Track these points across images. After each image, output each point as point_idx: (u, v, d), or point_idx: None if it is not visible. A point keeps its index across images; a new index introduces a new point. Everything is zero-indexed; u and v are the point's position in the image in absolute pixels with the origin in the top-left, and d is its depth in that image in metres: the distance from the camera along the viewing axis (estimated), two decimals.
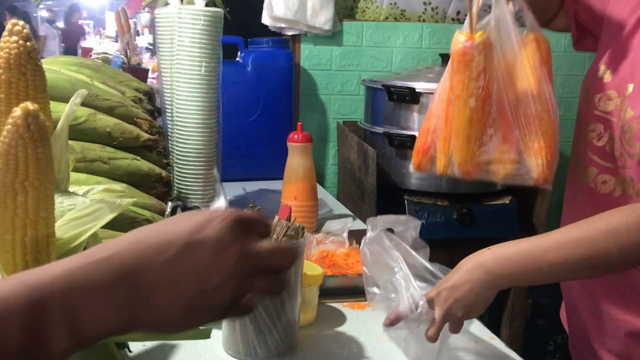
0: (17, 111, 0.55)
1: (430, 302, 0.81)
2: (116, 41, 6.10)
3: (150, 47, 5.40)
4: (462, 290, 0.80)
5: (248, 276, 0.45)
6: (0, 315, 0.38)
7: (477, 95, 0.80)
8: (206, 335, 0.69)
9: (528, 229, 1.87)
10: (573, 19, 1.04)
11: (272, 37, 2.07)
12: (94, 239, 0.71)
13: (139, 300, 0.42)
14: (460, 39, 0.80)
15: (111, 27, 6.90)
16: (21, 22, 0.69)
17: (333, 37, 2.17)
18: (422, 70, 1.89)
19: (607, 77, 0.90)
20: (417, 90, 1.70)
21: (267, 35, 2.08)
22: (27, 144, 0.55)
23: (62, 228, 0.65)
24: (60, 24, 6.16)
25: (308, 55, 2.17)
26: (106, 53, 4.91)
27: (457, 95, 0.81)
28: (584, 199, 0.95)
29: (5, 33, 0.69)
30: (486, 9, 0.84)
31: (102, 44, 6.41)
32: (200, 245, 0.44)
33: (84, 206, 0.67)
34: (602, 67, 0.92)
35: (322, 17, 2.07)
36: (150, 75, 3.91)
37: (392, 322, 0.82)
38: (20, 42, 0.67)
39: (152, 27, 5.58)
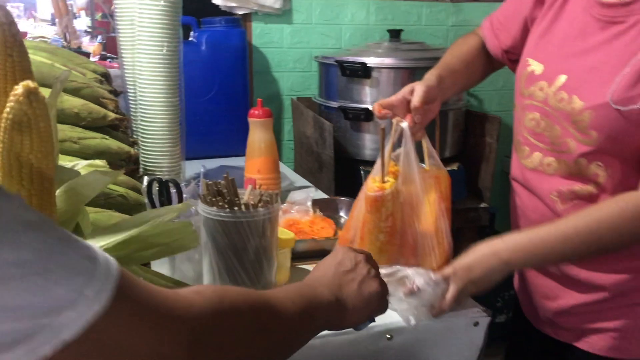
0: (19, 89, 0.59)
1: (446, 279, 0.92)
2: (53, 24, 5.90)
3: (89, 29, 5.25)
4: (477, 272, 0.91)
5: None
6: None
7: (386, 232, 0.93)
8: None
9: (475, 193, 2.00)
10: (506, 59, 1.15)
11: (224, 16, 2.10)
12: (83, 216, 0.76)
13: (342, 307, 0.71)
14: (374, 187, 0.91)
15: (45, 10, 6.65)
16: (1, 4, 0.72)
17: (283, 15, 2.21)
18: (372, 46, 1.97)
19: (538, 70, 1.00)
20: (368, 65, 1.78)
21: (218, 15, 2.10)
22: (30, 119, 0.59)
23: (59, 198, 0.69)
24: None
25: (260, 34, 2.21)
26: (43, 37, 4.75)
27: (369, 230, 0.93)
28: (532, 178, 1.05)
29: None
30: None
31: (37, 27, 6.17)
32: (342, 260, 0.75)
33: (78, 178, 0.71)
34: (531, 60, 1.02)
35: None
36: (91, 58, 3.83)
37: (411, 292, 0.91)
38: (5, 24, 0.70)
39: (89, 9, 5.43)
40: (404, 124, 0.91)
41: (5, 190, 0.40)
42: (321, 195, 1.59)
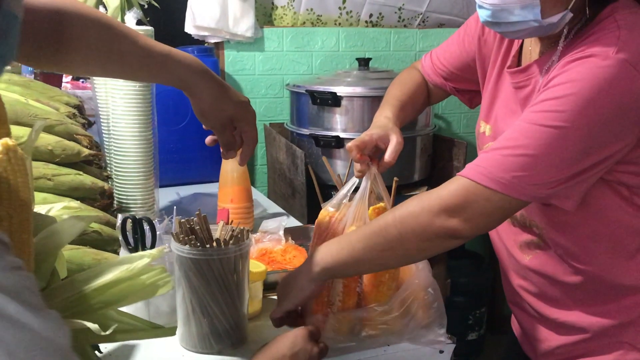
0: None
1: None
2: None
3: None
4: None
5: None
6: None
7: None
8: (172, 333, 0.79)
9: None
10: (454, 91, 1.21)
11: (197, 45, 2.13)
12: (59, 260, 0.78)
13: None
14: (326, 214, 0.99)
15: None
16: None
17: (255, 43, 2.26)
18: (341, 75, 2.02)
19: (488, 132, 1.07)
20: (338, 95, 1.83)
21: (190, 44, 2.14)
22: (9, 176, 0.62)
23: (36, 246, 0.72)
24: None
25: (232, 62, 2.25)
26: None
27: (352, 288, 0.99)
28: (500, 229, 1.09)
29: None
30: None
31: None
32: (298, 352, 0.83)
33: (54, 225, 0.74)
34: (482, 122, 1.09)
35: (243, 25, 2.15)
36: (64, 79, 3.82)
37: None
38: None
39: None
40: (374, 169, 1.00)
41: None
42: (294, 221, 1.63)
